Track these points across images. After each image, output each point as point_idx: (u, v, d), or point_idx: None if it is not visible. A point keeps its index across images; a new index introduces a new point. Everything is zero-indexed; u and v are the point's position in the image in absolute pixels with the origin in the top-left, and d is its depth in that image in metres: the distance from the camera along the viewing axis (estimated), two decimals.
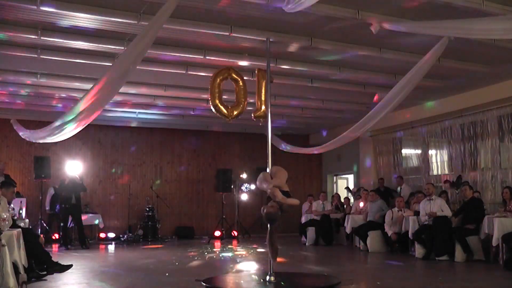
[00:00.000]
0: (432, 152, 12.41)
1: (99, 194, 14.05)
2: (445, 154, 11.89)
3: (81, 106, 6.19)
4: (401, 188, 12.14)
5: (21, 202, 9.49)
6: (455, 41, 6.90)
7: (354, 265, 8.78)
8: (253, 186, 14.34)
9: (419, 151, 12.63)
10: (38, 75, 8.99)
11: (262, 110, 7.21)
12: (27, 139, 9.12)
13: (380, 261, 9.11)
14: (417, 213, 9.63)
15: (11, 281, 5.08)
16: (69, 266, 7.16)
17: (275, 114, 11.91)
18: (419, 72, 7.19)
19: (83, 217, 12.03)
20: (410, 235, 9.45)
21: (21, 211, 8.86)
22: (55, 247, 11.38)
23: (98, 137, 14.18)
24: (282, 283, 6.12)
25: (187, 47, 7.79)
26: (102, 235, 12.88)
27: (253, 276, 7.07)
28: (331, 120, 13.70)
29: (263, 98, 7.17)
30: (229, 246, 11.92)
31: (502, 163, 10.25)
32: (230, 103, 7.54)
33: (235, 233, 13.63)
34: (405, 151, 13.28)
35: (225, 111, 7.31)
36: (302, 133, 16.10)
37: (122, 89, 7.63)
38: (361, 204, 11.65)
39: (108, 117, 12.62)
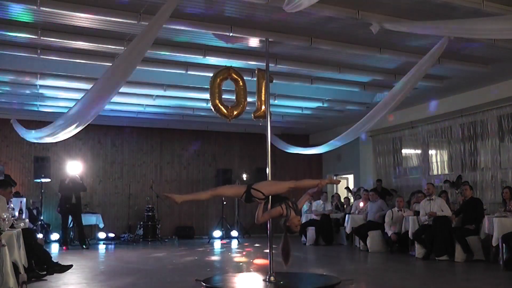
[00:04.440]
0: (432, 152, 12.41)
1: (99, 194, 14.06)
2: (445, 154, 11.89)
3: (81, 106, 6.19)
4: None
5: (21, 202, 9.49)
6: (455, 41, 6.90)
7: (354, 265, 8.78)
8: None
9: (419, 151, 12.63)
10: (38, 75, 9.00)
11: (262, 110, 7.20)
12: (27, 139, 9.11)
13: (380, 261, 9.11)
14: (417, 213, 9.62)
15: (11, 281, 5.07)
16: (69, 266, 7.16)
17: (275, 114, 11.96)
18: (419, 72, 7.19)
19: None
20: (410, 235, 9.44)
21: (21, 211, 8.84)
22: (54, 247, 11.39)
23: (98, 137, 14.18)
24: (281, 282, 6.12)
25: (187, 47, 7.79)
26: (102, 235, 12.87)
27: (253, 276, 7.07)
28: (331, 120, 13.71)
29: (263, 98, 7.16)
30: (229, 246, 11.92)
31: (502, 163, 10.25)
32: (230, 103, 7.54)
33: (235, 233, 13.63)
34: (405, 151, 13.28)
35: (225, 111, 7.31)
36: (302, 133, 16.10)
37: (122, 89, 7.63)
38: (361, 204, 11.65)
39: (108, 117, 12.62)
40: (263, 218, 5.95)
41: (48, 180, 12.29)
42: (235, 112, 7.37)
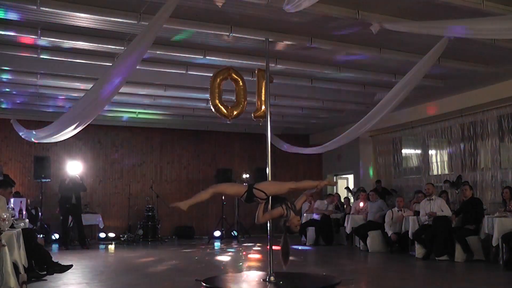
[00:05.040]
0: (432, 152, 12.42)
1: (99, 194, 14.06)
2: (445, 154, 11.90)
3: (81, 106, 6.19)
4: None
5: (21, 202, 9.49)
6: (455, 41, 6.90)
7: (354, 265, 8.78)
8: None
9: (419, 151, 12.63)
10: (38, 75, 9.00)
11: (262, 110, 7.20)
12: (27, 139, 9.11)
13: (380, 261, 9.11)
14: (417, 213, 9.63)
15: (11, 281, 5.08)
16: (69, 266, 7.16)
17: (275, 114, 11.96)
18: (419, 72, 7.18)
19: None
20: (410, 235, 9.45)
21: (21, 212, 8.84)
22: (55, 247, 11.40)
23: (98, 137, 14.19)
24: (281, 282, 6.12)
25: (187, 47, 7.79)
26: (102, 235, 12.86)
27: (253, 276, 7.07)
28: (331, 120, 13.70)
29: (263, 98, 7.16)
30: (229, 246, 11.92)
31: (502, 163, 10.26)
32: (230, 103, 7.54)
33: (235, 233, 13.63)
34: (405, 151, 13.28)
35: (225, 111, 7.30)
36: (302, 133, 16.11)
37: (122, 89, 7.62)
38: (361, 204, 11.65)
39: (108, 117, 12.63)
40: (263, 219, 5.98)
41: (48, 180, 12.30)
42: (235, 112, 7.36)
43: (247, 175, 14.74)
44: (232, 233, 13.69)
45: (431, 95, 11.06)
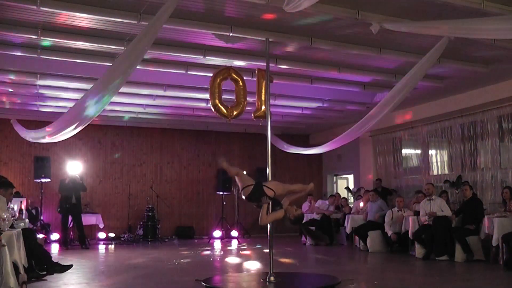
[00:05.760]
0: (432, 152, 12.41)
1: (99, 194, 14.06)
2: (445, 154, 11.89)
3: (81, 106, 6.19)
4: None
5: (21, 202, 9.50)
6: (455, 41, 6.90)
7: (354, 265, 8.78)
8: None
9: (419, 151, 12.63)
10: (38, 75, 9.00)
11: (262, 110, 7.21)
12: (27, 139, 9.11)
13: (380, 261, 9.11)
14: (417, 213, 9.63)
15: (11, 281, 5.08)
16: (69, 266, 7.16)
17: (275, 114, 11.96)
18: (419, 72, 7.18)
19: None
20: (410, 235, 9.45)
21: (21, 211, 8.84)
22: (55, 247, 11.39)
23: (98, 137, 14.19)
24: (280, 279, 6.13)
25: (187, 47, 7.79)
26: (102, 235, 12.87)
27: (253, 276, 7.07)
28: (331, 120, 13.70)
29: (263, 98, 7.17)
30: (229, 246, 11.92)
31: (502, 163, 10.25)
32: (230, 103, 7.54)
33: (235, 233, 13.63)
34: (405, 151, 13.28)
35: (225, 111, 7.31)
36: (302, 133, 16.10)
37: (122, 89, 7.62)
38: (361, 204, 11.65)
39: (108, 117, 12.62)
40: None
41: (48, 180, 12.30)
42: (235, 112, 7.38)
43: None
44: (232, 233, 13.66)
45: (431, 95, 11.06)
